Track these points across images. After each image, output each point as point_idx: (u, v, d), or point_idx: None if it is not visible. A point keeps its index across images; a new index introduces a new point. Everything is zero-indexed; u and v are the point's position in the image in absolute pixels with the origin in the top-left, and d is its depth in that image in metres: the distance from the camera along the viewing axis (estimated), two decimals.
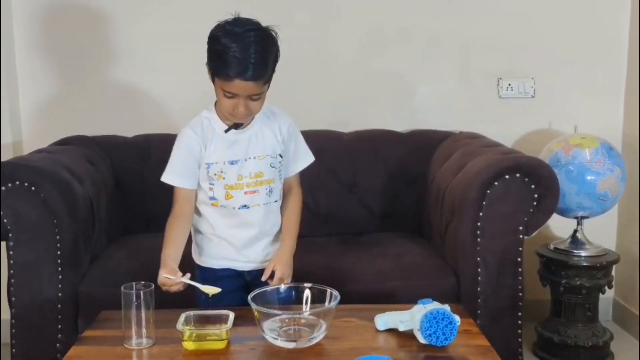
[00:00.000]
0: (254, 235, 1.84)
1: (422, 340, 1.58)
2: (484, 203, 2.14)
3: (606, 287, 2.52)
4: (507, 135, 2.85)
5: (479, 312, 2.17)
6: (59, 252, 2.13)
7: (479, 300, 2.17)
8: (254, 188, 1.80)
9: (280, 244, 1.90)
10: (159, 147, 2.70)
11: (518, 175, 2.14)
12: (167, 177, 1.82)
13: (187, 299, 1.81)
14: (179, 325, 1.59)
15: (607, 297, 2.77)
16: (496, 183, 2.14)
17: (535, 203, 2.15)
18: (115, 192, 2.61)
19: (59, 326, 2.14)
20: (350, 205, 2.68)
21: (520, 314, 2.19)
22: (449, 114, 2.89)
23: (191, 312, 1.65)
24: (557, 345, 2.53)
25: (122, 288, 1.60)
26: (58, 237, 2.12)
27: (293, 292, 1.70)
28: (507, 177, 2.14)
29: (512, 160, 2.18)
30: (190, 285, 1.71)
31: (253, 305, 1.57)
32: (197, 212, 1.87)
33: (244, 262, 1.87)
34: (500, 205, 2.15)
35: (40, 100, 2.83)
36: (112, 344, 1.60)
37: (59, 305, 2.14)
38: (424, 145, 2.72)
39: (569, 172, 2.45)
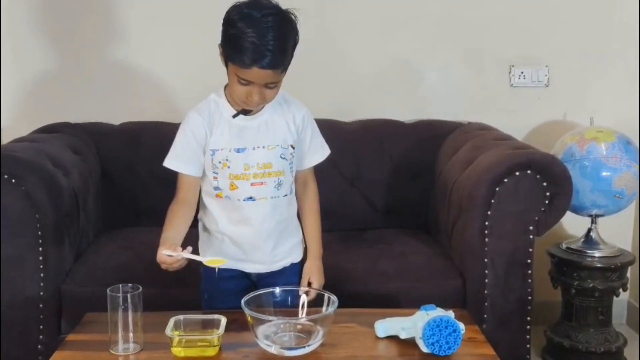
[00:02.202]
0: (260, 233, 1.82)
1: (424, 349, 1.58)
2: (493, 201, 2.14)
3: (620, 290, 2.52)
4: (519, 127, 2.85)
5: (485, 315, 2.18)
6: (41, 249, 2.13)
7: (486, 304, 2.18)
8: (261, 179, 1.78)
9: (296, 246, 1.91)
10: (149, 136, 2.71)
11: (529, 172, 2.14)
12: (170, 162, 1.80)
13: (183, 300, 1.83)
14: (168, 331, 1.59)
15: (621, 300, 2.77)
16: (506, 180, 2.14)
17: (547, 202, 2.15)
18: (102, 184, 2.61)
19: (41, 326, 2.14)
20: (352, 200, 2.68)
21: (529, 318, 2.20)
22: (458, 103, 2.89)
23: (181, 316, 1.65)
24: (567, 351, 2.53)
25: (108, 291, 1.60)
26: (40, 232, 2.12)
27: (289, 296, 1.70)
28: (518, 173, 2.14)
29: (524, 156, 2.17)
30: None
31: (246, 310, 1.58)
32: (203, 205, 1.86)
33: (250, 264, 1.85)
34: (510, 203, 2.15)
35: (20, 84, 2.81)
36: (98, 349, 1.61)
37: (41, 305, 2.14)
38: (431, 137, 2.72)
39: (583, 168, 2.44)
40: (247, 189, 1.78)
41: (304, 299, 1.68)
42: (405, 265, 2.29)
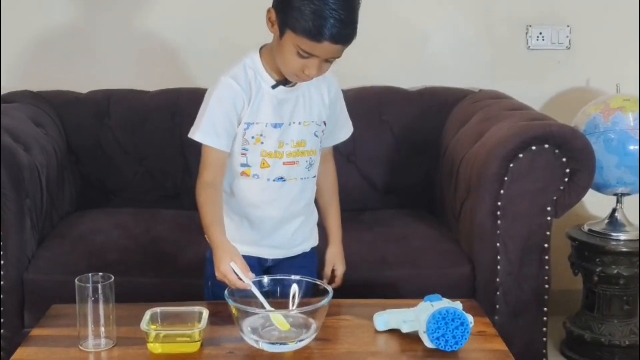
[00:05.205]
0: (285, 215, 1.85)
1: (428, 344, 1.60)
2: (506, 178, 2.16)
3: None
4: (537, 95, 2.86)
5: (497, 306, 2.20)
6: (0, 233, 2.13)
7: (498, 293, 2.20)
8: (294, 159, 1.81)
9: (314, 229, 1.95)
10: (120, 105, 2.71)
11: (547, 146, 2.16)
12: (200, 135, 1.76)
13: (160, 290, 1.83)
14: (144, 325, 1.60)
15: None
16: (521, 155, 2.16)
17: (566, 179, 2.17)
18: (68, 160, 2.62)
19: (2, 320, 2.16)
20: (348, 177, 2.67)
21: (545, 309, 2.23)
22: (467, 69, 2.89)
23: (158, 309, 1.67)
24: (588, 344, 2.57)
25: (76, 280, 1.61)
26: None
27: (278, 286, 1.72)
28: (534, 148, 2.16)
29: (541, 128, 2.19)
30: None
31: (230, 302, 1.59)
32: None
33: (268, 249, 1.88)
34: (525, 181, 2.17)
35: None
36: (65, 345, 1.62)
37: (1, 295, 2.16)
38: (437, 107, 2.73)
39: (608, 141, 2.46)
40: (278, 168, 1.81)
41: (294, 288, 1.69)
42: (408, 250, 2.31)
